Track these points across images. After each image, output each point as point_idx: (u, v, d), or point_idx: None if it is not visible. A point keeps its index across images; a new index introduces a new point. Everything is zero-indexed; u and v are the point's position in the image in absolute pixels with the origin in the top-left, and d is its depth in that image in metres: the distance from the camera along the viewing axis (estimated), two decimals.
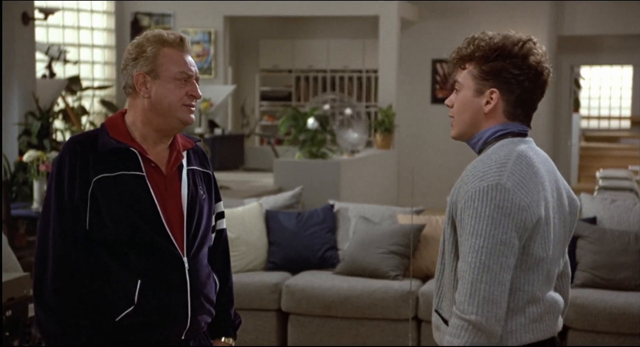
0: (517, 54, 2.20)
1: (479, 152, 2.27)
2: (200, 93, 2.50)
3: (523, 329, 2.18)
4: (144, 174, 2.43)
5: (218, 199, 2.65)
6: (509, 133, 2.23)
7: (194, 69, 2.48)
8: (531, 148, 2.24)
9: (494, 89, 2.22)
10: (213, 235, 2.63)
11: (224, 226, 2.70)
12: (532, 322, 2.19)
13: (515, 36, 2.23)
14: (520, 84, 2.21)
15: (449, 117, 2.32)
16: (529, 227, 2.12)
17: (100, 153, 2.41)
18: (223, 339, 2.69)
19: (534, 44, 2.23)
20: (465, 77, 2.26)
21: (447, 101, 2.32)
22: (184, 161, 2.53)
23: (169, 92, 2.43)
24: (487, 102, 2.23)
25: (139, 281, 2.39)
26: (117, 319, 2.40)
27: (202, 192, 2.54)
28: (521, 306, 2.17)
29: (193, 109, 2.47)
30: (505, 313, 2.12)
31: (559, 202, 2.25)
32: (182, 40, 2.47)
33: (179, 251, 2.44)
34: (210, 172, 2.63)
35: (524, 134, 2.25)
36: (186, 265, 2.45)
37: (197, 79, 2.49)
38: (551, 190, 2.22)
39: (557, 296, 2.28)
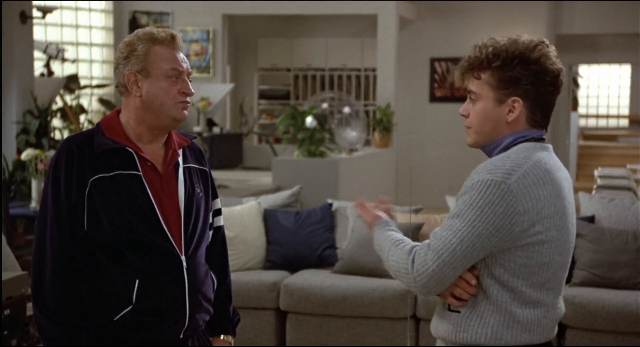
0: (535, 60, 2.18)
1: None
2: (193, 90, 2.48)
3: (520, 328, 2.18)
4: (141, 173, 2.42)
5: (215, 196, 2.65)
6: (530, 139, 2.22)
7: (186, 65, 2.46)
8: (550, 156, 2.23)
9: (517, 98, 2.19)
10: (210, 232, 2.63)
11: (222, 223, 2.69)
12: (529, 323, 2.19)
13: (526, 40, 2.20)
14: (540, 89, 2.19)
15: (466, 127, 2.29)
16: (517, 231, 2.12)
17: (96, 153, 2.40)
18: (222, 336, 2.69)
19: (547, 46, 2.21)
20: (482, 87, 2.22)
21: (461, 111, 2.27)
22: (180, 159, 2.52)
23: (161, 91, 2.42)
24: (510, 111, 2.20)
25: (137, 281, 2.39)
26: (115, 319, 2.39)
27: (199, 190, 2.54)
28: (519, 307, 2.17)
29: (187, 105, 2.46)
30: (444, 289, 2.17)
31: (573, 208, 2.26)
32: (173, 37, 2.45)
33: (177, 249, 2.44)
34: (207, 170, 2.62)
35: (542, 139, 2.25)
36: (184, 264, 2.45)
37: (188, 76, 2.47)
38: (568, 196, 2.23)
39: (560, 303, 2.28)
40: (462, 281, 2.17)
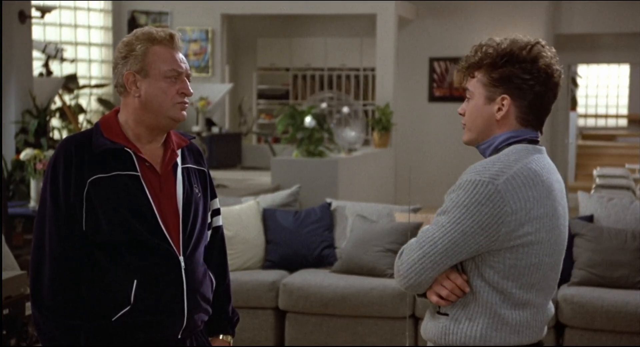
0: (526, 58, 2.18)
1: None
2: (192, 90, 2.48)
3: (509, 329, 2.18)
4: (139, 173, 2.42)
5: (214, 196, 2.65)
6: (523, 140, 2.22)
7: (184, 65, 2.46)
8: (544, 157, 2.23)
9: (505, 96, 2.20)
10: (209, 232, 2.63)
11: (220, 223, 2.69)
12: (518, 325, 2.19)
13: (523, 40, 2.21)
14: (531, 89, 2.19)
15: (462, 125, 2.31)
16: (505, 232, 2.12)
17: (94, 153, 2.40)
18: (221, 336, 2.69)
19: (543, 46, 2.21)
20: (475, 85, 2.24)
21: (459, 110, 2.30)
22: (179, 160, 2.52)
23: (160, 91, 2.41)
24: (499, 109, 2.21)
25: (135, 281, 2.39)
26: (113, 319, 2.40)
27: (197, 191, 2.53)
28: (508, 309, 2.17)
29: (185, 106, 2.46)
30: (424, 284, 2.19)
31: (565, 210, 2.26)
32: (171, 37, 2.44)
33: (175, 250, 2.44)
34: (206, 170, 2.62)
35: (536, 141, 2.25)
36: (182, 264, 2.45)
37: (188, 76, 2.47)
38: (560, 198, 2.23)
39: (550, 305, 2.28)
40: (453, 285, 2.17)
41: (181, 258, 2.45)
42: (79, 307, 2.40)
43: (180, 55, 2.46)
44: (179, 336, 2.47)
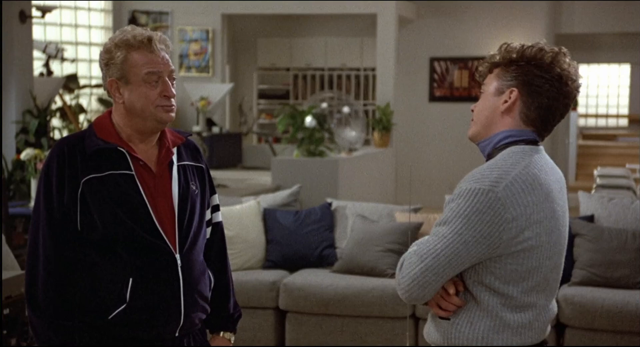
0: (544, 61, 2.20)
1: (488, 156, 2.26)
2: (175, 91, 2.46)
3: (511, 332, 2.18)
4: (133, 173, 2.43)
5: (213, 193, 2.65)
6: (520, 141, 2.22)
7: (165, 66, 2.44)
8: (542, 158, 2.23)
9: (514, 88, 2.21)
10: (209, 229, 2.63)
11: (220, 219, 2.69)
12: (520, 327, 2.19)
13: (548, 47, 2.23)
14: (541, 88, 2.20)
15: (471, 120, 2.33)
16: (506, 239, 2.11)
17: (87, 154, 2.41)
18: (221, 334, 2.69)
19: (565, 56, 2.23)
20: (490, 80, 2.27)
21: (472, 106, 2.32)
22: (175, 157, 2.52)
23: (141, 97, 2.41)
24: (505, 101, 2.22)
25: (131, 279, 2.39)
26: (109, 317, 2.40)
27: (194, 188, 2.53)
28: (510, 312, 2.17)
29: (170, 107, 2.44)
30: (427, 296, 2.18)
31: (563, 209, 2.25)
32: (149, 40, 2.42)
33: (171, 248, 2.44)
34: (204, 166, 2.62)
35: (535, 142, 2.24)
36: (179, 262, 2.45)
37: (170, 76, 2.45)
38: (558, 199, 2.22)
39: (552, 304, 2.28)
40: (445, 292, 2.17)
41: (177, 256, 2.45)
42: (73, 308, 2.40)
43: (162, 57, 2.44)
44: (176, 335, 2.47)
